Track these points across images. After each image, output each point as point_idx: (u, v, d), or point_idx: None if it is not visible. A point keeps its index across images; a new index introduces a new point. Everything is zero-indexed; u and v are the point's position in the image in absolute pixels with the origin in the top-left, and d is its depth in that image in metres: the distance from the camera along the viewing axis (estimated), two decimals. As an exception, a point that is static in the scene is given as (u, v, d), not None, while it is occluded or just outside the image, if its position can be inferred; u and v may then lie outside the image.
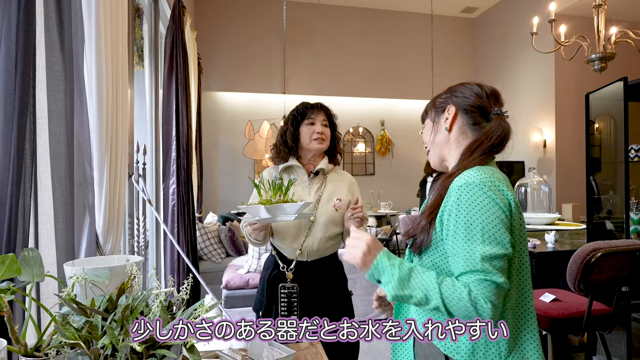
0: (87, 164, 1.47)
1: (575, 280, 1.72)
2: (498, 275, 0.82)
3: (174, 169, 3.52)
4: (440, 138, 1.06)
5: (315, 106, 1.67)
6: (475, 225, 0.85)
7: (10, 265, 0.72)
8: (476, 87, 1.06)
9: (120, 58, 1.65)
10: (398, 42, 6.80)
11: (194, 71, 4.49)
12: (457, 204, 0.88)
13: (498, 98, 1.06)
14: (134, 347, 0.67)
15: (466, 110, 1.04)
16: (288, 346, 1.22)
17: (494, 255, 0.83)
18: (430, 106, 1.12)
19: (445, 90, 1.12)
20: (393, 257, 0.92)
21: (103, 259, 1.23)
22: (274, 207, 1.32)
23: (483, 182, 0.88)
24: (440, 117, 1.07)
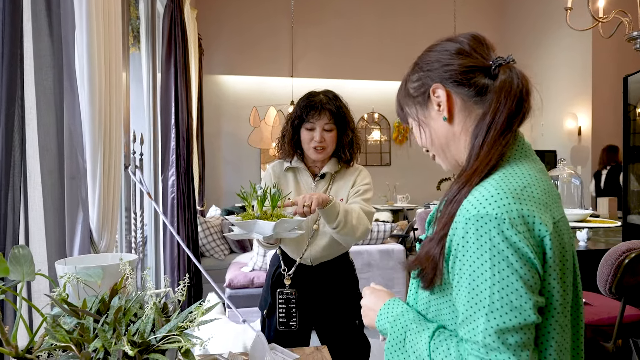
0: (79, 155, 1.50)
1: (606, 282, 1.70)
2: (508, 353, 0.64)
3: (173, 160, 3.56)
4: (442, 135, 0.83)
5: (317, 107, 1.56)
6: (482, 282, 0.66)
7: (-2, 265, 0.74)
8: (450, 43, 0.82)
9: (114, 41, 1.67)
10: (417, 20, 6.72)
11: (194, 53, 4.51)
12: (462, 245, 0.68)
13: (485, 42, 0.83)
14: (127, 351, 0.70)
15: (459, 82, 0.79)
16: (292, 351, 1.25)
17: (504, 329, 0.64)
18: (404, 97, 0.88)
19: (411, 67, 0.88)
20: (391, 312, 0.83)
21: (96, 257, 1.26)
22: (247, 223, 1.28)
23: (501, 214, 0.66)
24: (429, 108, 0.83)
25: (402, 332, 0.79)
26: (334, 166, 1.63)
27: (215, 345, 1.79)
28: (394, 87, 4.65)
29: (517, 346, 0.65)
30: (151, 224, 3.53)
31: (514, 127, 0.76)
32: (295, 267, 1.60)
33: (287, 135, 1.61)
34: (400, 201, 6.38)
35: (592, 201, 5.15)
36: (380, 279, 3.39)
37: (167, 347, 0.77)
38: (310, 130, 1.57)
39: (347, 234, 1.47)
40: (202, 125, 5.04)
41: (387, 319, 0.83)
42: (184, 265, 3.51)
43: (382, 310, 0.85)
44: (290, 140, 1.61)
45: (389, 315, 0.83)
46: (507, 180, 0.71)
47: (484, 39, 0.83)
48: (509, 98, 0.75)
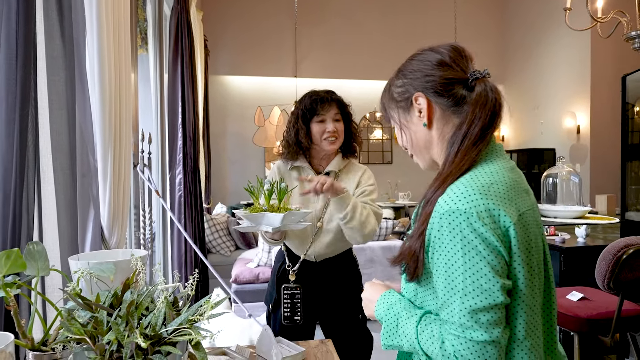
0: (90, 154, 1.51)
1: (604, 278, 1.71)
2: (480, 331, 0.72)
3: (180, 158, 3.58)
4: (421, 138, 0.90)
5: (326, 99, 1.58)
6: (455, 269, 0.73)
7: (15, 260, 0.76)
8: (432, 53, 0.88)
9: (123, 43, 1.68)
10: (418, 20, 6.70)
11: (200, 54, 4.52)
12: (438, 237, 0.76)
13: (465, 54, 0.88)
14: (139, 343, 0.71)
15: (439, 92, 0.85)
16: (298, 344, 1.26)
17: (477, 309, 0.72)
18: (388, 101, 0.93)
19: (395, 73, 0.93)
20: (386, 301, 0.89)
21: (108, 253, 1.28)
22: (256, 215, 1.30)
23: (470, 209, 0.73)
24: (411, 114, 0.89)
25: (395, 319, 0.85)
26: (338, 163, 1.63)
27: (222, 339, 1.80)
28: (396, 87, 4.50)
29: (489, 324, 0.72)
30: (159, 221, 3.55)
31: (486, 138, 0.82)
32: (299, 263, 1.61)
33: (300, 132, 1.59)
34: (402, 198, 6.39)
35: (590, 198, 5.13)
36: (382, 275, 3.40)
37: (178, 340, 0.78)
38: (322, 122, 1.58)
39: (353, 227, 1.48)
40: (207, 125, 5.06)
41: (383, 308, 0.89)
42: (191, 261, 3.53)
43: (379, 301, 0.91)
44: (305, 135, 1.59)
45: (385, 304, 0.89)
46: (476, 178, 0.78)
47: (463, 51, 0.89)
48: (484, 111, 0.81)
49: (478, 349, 0.72)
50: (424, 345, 0.78)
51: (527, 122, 6.76)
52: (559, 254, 2.51)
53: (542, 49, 6.31)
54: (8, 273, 0.77)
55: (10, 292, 0.91)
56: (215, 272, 1.83)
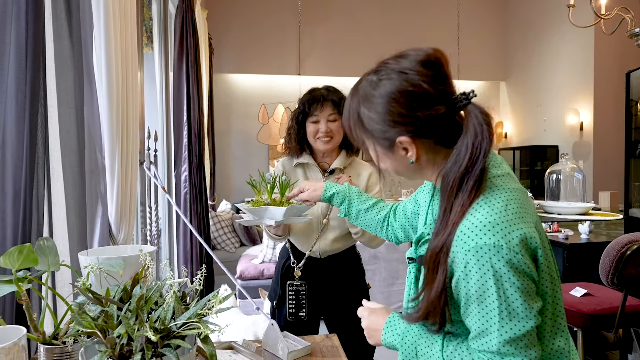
0: (98, 152, 1.52)
1: (608, 274, 1.70)
2: (520, 357, 0.71)
3: (185, 156, 3.59)
4: (405, 168, 0.84)
5: (319, 99, 1.56)
6: (489, 303, 0.70)
7: (28, 255, 0.76)
8: (401, 81, 0.76)
9: (130, 42, 1.69)
10: (421, 18, 6.68)
11: (205, 52, 4.53)
12: (465, 275, 0.71)
13: (441, 69, 0.77)
14: (149, 336, 0.72)
15: (423, 133, 0.77)
16: (303, 338, 1.26)
17: (515, 338, 0.70)
18: (358, 128, 0.83)
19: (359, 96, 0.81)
20: (394, 329, 0.85)
21: (116, 249, 1.29)
22: (258, 209, 1.31)
23: (498, 241, 0.69)
24: (394, 152, 0.81)
25: (413, 348, 0.81)
26: (343, 160, 1.63)
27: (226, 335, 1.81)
28: (399, 84, 4.46)
29: (527, 347, 0.71)
30: (165, 218, 3.57)
31: (485, 173, 0.75)
32: (304, 259, 1.62)
33: (292, 132, 1.61)
34: (405, 195, 6.38)
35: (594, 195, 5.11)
36: (386, 271, 3.40)
37: (187, 334, 0.79)
38: (315, 122, 1.58)
39: (363, 241, 1.60)
40: (212, 123, 5.07)
41: (394, 337, 0.85)
42: (196, 257, 3.55)
43: (385, 329, 0.86)
44: (296, 137, 1.61)
45: (395, 333, 0.85)
46: (490, 203, 0.73)
47: (437, 62, 0.77)
48: (484, 138, 0.73)
49: None
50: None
51: (530, 119, 6.73)
52: (562, 251, 2.51)
53: (545, 46, 6.27)
54: (21, 268, 0.78)
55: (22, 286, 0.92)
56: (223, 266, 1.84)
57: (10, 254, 0.75)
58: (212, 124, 5.09)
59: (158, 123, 3.54)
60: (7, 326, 0.81)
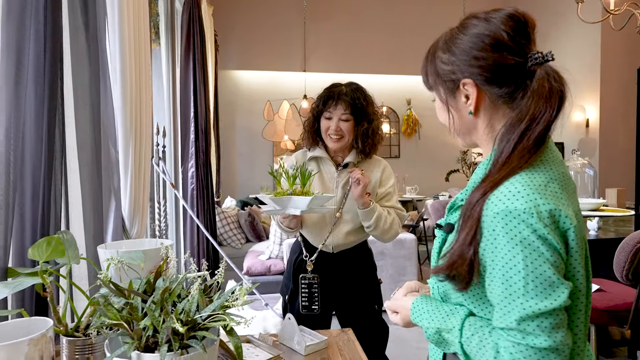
0: (112, 146, 1.53)
1: (623, 269, 1.70)
2: (543, 336, 0.65)
3: (192, 152, 3.59)
4: (465, 124, 0.82)
5: (334, 96, 1.57)
6: (515, 272, 0.66)
7: (56, 247, 0.77)
8: (485, 27, 0.75)
9: (142, 38, 1.69)
10: (426, 14, 6.65)
11: (211, 49, 4.52)
12: (492, 239, 0.68)
13: (527, 28, 0.76)
14: (177, 328, 0.72)
15: (491, 80, 0.74)
16: (319, 332, 1.27)
17: (539, 313, 0.65)
18: (433, 73, 0.83)
19: (442, 39, 0.82)
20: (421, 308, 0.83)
21: (133, 242, 1.29)
22: (282, 199, 1.32)
23: (529, 208, 0.66)
24: (456, 97, 0.80)
25: (436, 331, 0.78)
26: (356, 156, 1.63)
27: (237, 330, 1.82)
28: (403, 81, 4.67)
29: (552, 328, 0.65)
30: (172, 214, 3.58)
31: (548, 136, 0.73)
32: (316, 253, 1.62)
33: (307, 124, 1.65)
34: (410, 192, 6.38)
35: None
36: (392, 268, 3.41)
37: (211, 326, 0.80)
38: (328, 119, 1.60)
39: (376, 235, 1.60)
40: (217, 120, 5.07)
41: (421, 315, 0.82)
42: (203, 253, 3.56)
43: (413, 308, 0.85)
44: (310, 129, 1.64)
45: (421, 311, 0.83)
46: (532, 176, 0.70)
47: (524, 22, 0.76)
48: (548, 105, 0.71)
49: (540, 356, 0.65)
50: (474, 355, 0.72)
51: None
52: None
53: (551, 43, 6.24)
54: (48, 259, 0.79)
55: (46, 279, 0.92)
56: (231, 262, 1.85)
57: (38, 245, 0.76)
58: (217, 121, 5.09)
59: (165, 119, 3.55)
60: (33, 318, 0.81)
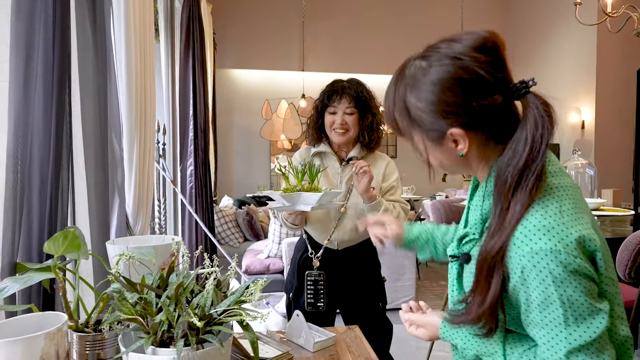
0: (116, 142, 1.52)
1: (625, 267, 1.72)
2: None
3: (191, 150, 3.58)
4: (452, 162, 0.78)
5: (338, 90, 1.59)
6: (554, 310, 0.65)
7: (72, 241, 0.77)
8: (453, 66, 0.69)
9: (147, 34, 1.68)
10: (424, 15, 6.68)
11: (209, 47, 4.51)
12: (522, 280, 0.68)
13: (499, 55, 0.71)
14: (194, 322, 0.72)
15: (478, 123, 0.71)
16: (326, 329, 1.27)
17: (584, 344, 0.65)
18: (406, 121, 0.76)
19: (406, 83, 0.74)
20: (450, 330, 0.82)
21: (140, 239, 1.29)
22: (292, 195, 1.33)
23: (555, 246, 0.65)
24: (443, 145, 0.75)
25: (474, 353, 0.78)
26: (360, 151, 1.64)
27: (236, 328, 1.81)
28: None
29: (599, 351, 0.66)
30: (170, 211, 3.56)
31: (545, 169, 0.69)
32: (322, 250, 1.62)
33: (311, 121, 1.65)
34: (406, 192, 6.40)
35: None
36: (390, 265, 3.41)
37: (227, 321, 0.80)
38: (333, 114, 1.61)
39: None
40: (215, 118, 5.06)
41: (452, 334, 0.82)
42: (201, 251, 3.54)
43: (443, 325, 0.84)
44: (314, 125, 1.64)
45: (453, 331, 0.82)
46: (546, 207, 0.68)
47: (495, 47, 0.71)
48: (544, 133, 0.67)
49: None
50: None
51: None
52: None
53: (547, 45, 6.29)
54: (64, 253, 0.78)
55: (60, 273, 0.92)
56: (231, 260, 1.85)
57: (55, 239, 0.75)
58: (215, 119, 5.08)
59: (164, 117, 3.53)
60: (45, 313, 0.81)
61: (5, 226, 1.02)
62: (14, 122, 1.04)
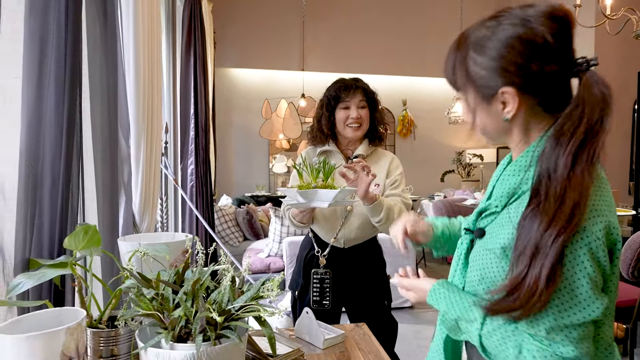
0: (124, 140, 1.52)
1: (629, 266, 1.74)
2: (570, 346, 0.66)
3: (192, 149, 3.58)
4: (496, 127, 0.77)
5: (351, 86, 1.62)
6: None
7: (93, 236, 0.77)
8: (524, 28, 0.69)
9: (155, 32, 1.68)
10: (423, 16, 6.70)
11: (210, 46, 4.51)
12: None
13: (568, 27, 0.70)
14: (215, 317, 0.73)
15: (532, 88, 0.71)
16: (334, 327, 1.28)
17: (569, 325, 0.66)
18: (463, 76, 0.77)
19: (472, 39, 0.75)
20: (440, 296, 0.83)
21: (150, 236, 1.29)
22: (308, 192, 1.34)
23: (587, 226, 0.66)
24: (491, 104, 0.75)
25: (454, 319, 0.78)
26: (366, 148, 1.66)
27: (249, 324, 1.82)
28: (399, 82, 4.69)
29: (580, 339, 0.66)
30: (171, 210, 3.56)
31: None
32: (328, 249, 1.63)
33: (323, 119, 1.63)
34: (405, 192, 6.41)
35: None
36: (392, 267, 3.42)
37: (244, 316, 0.80)
38: (346, 108, 1.61)
39: (386, 228, 1.53)
40: (214, 117, 5.05)
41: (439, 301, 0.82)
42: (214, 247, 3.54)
43: (431, 292, 0.85)
44: (326, 123, 1.63)
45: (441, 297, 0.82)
46: (601, 191, 0.69)
47: (567, 21, 0.70)
48: (604, 113, 0.66)
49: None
50: (492, 349, 0.73)
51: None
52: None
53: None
54: (85, 248, 0.79)
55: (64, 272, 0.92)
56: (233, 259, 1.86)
57: (75, 235, 0.75)
58: (214, 119, 5.07)
59: (165, 115, 3.53)
60: (63, 308, 0.81)
61: (18, 223, 1.02)
62: (27, 119, 1.04)
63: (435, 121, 6.77)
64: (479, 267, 0.78)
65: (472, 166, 6.46)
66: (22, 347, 0.67)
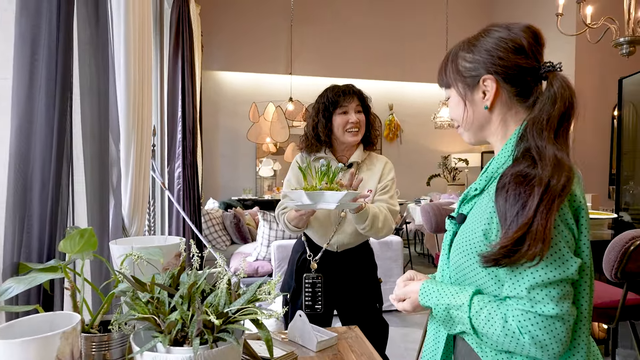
0: (113, 143, 1.50)
1: (612, 268, 1.78)
2: (551, 304, 0.71)
3: (179, 152, 3.55)
4: (478, 119, 0.88)
5: (348, 92, 1.62)
6: None
7: (89, 239, 0.76)
8: (509, 34, 0.85)
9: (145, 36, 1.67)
10: (410, 21, 6.78)
11: (198, 48, 4.48)
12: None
13: (541, 40, 0.87)
14: (212, 320, 0.72)
15: (509, 79, 0.84)
16: (327, 329, 1.28)
17: (548, 282, 0.71)
18: (452, 71, 0.90)
19: (464, 43, 0.90)
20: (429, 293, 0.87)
21: (143, 239, 1.28)
22: (315, 193, 1.35)
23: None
24: (473, 92, 0.87)
25: (446, 311, 0.83)
26: (360, 154, 1.67)
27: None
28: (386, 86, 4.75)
29: (560, 297, 0.71)
30: (158, 213, 3.52)
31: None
32: (321, 253, 1.64)
33: (319, 126, 1.62)
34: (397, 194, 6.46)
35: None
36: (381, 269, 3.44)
37: (241, 319, 0.80)
38: (344, 113, 1.61)
39: (371, 234, 1.58)
40: (201, 120, 5.02)
41: (429, 298, 0.87)
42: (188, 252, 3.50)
43: (421, 292, 0.89)
44: (324, 129, 1.62)
45: (430, 294, 0.87)
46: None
47: (539, 36, 0.87)
48: (569, 106, 0.80)
49: (547, 324, 0.70)
50: (482, 329, 0.77)
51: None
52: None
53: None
54: (80, 252, 0.78)
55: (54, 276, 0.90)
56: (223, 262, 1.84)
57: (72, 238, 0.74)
58: (201, 121, 5.04)
59: (153, 118, 3.49)
60: (57, 312, 0.80)
61: (7, 226, 1.00)
62: (17, 121, 1.03)
63: (421, 126, 6.85)
64: (460, 251, 0.84)
65: (458, 170, 6.54)
66: (16, 352, 0.66)
